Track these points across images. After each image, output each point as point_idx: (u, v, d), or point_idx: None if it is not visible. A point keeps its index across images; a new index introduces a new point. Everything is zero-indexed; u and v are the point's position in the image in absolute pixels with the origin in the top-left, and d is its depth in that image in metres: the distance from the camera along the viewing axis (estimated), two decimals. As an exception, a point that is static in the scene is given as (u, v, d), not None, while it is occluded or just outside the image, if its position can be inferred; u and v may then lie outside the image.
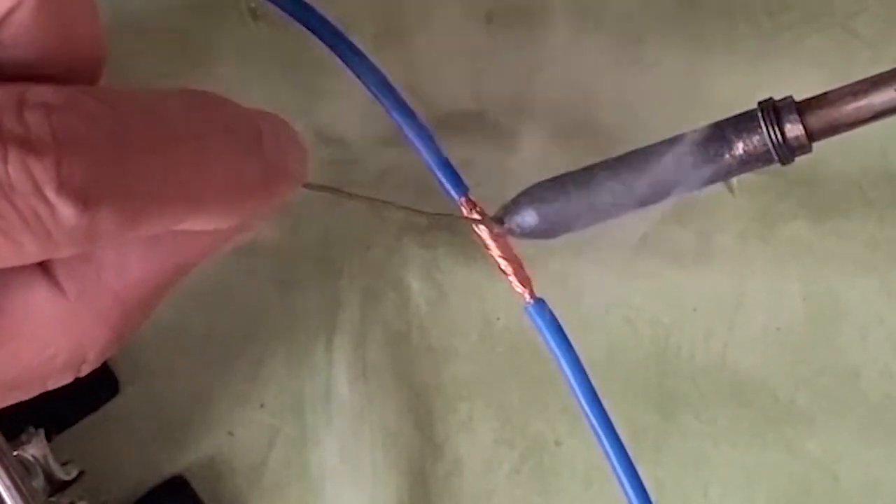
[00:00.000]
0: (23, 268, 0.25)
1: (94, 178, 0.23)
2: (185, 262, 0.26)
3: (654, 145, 0.32)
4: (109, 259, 0.25)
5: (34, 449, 0.34)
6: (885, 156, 0.41)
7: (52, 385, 0.26)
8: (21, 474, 0.33)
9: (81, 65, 0.25)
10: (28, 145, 0.22)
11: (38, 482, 0.34)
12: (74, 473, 0.35)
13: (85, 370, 0.27)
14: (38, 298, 0.25)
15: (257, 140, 0.26)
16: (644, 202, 0.33)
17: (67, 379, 0.27)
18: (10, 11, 0.23)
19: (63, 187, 0.22)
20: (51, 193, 0.22)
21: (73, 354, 0.26)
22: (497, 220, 0.33)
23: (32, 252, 0.23)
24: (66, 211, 0.22)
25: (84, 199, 0.22)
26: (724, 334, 0.41)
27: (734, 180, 0.40)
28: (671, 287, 0.41)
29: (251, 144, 0.26)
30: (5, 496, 0.33)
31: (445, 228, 0.40)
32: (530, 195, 0.33)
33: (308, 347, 0.40)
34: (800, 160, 0.32)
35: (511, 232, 0.33)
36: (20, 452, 0.34)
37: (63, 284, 0.25)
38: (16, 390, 0.26)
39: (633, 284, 0.40)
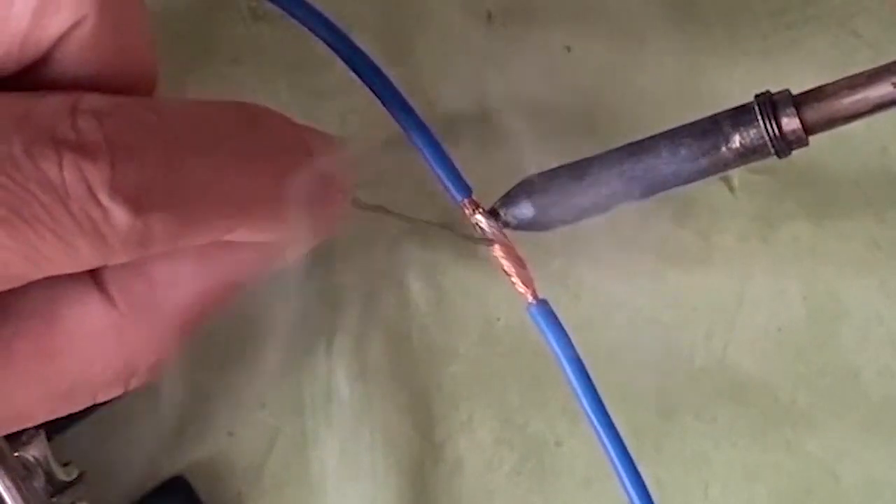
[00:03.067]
0: (77, 282, 0.25)
1: (146, 184, 0.23)
2: (235, 278, 0.27)
3: (651, 137, 0.33)
4: (161, 275, 0.26)
5: (35, 449, 0.34)
6: (885, 156, 0.41)
7: (102, 398, 0.27)
8: (22, 475, 0.33)
9: (135, 79, 0.25)
10: (81, 151, 0.23)
11: (39, 483, 0.34)
12: (75, 474, 0.35)
13: (134, 384, 0.27)
14: (90, 312, 0.25)
15: (307, 153, 0.26)
16: (640, 194, 0.33)
17: (116, 392, 0.27)
18: (72, 28, 0.24)
19: (116, 191, 0.23)
20: (104, 197, 0.23)
21: (123, 368, 0.26)
22: (493, 213, 0.33)
23: (87, 257, 0.23)
24: (119, 215, 0.23)
25: (136, 203, 0.23)
26: (724, 334, 0.41)
27: (735, 180, 0.40)
28: (671, 287, 0.41)
29: (300, 157, 0.26)
30: (6, 496, 0.33)
31: (445, 229, 0.40)
32: (526, 187, 0.33)
33: (308, 347, 0.40)
34: (800, 160, 0.32)
35: (507, 224, 0.33)
36: (21, 453, 0.34)
37: (115, 299, 0.26)
38: (65, 402, 0.26)
39: (633, 284, 0.40)
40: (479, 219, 0.33)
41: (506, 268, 0.33)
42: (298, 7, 0.33)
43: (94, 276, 0.26)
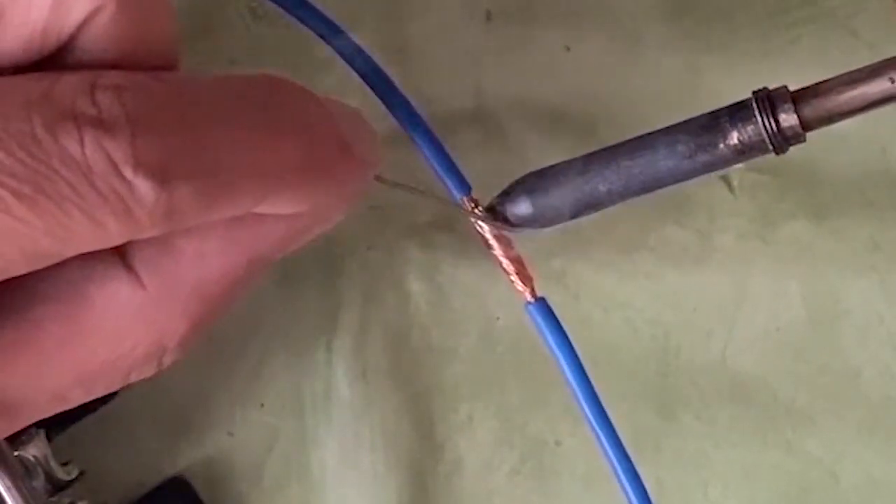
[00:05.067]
0: (104, 262, 0.25)
1: (169, 156, 0.23)
2: (263, 254, 0.27)
3: (649, 134, 0.33)
4: (188, 252, 0.26)
5: (34, 449, 0.34)
6: (885, 156, 0.41)
7: (135, 377, 0.27)
8: (21, 474, 0.33)
9: (157, 61, 0.25)
10: (102, 126, 0.23)
11: (39, 482, 0.34)
12: (75, 473, 0.35)
13: (166, 362, 0.27)
14: (119, 291, 0.25)
15: (330, 123, 0.26)
16: (639, 191, 0.33)
17: (149, 371, 0.27)
18: (92, 14, 0.24)
19: (140, 165, 0.23)
20: (128, 172, 0.23)
21: (153, 347, 0.26)
22: (490, 210, 0.33)
23: (115, 232, 0.23)
24: (145, 188, 0.23)
25: (161, 176, 0.23)
26: (724, 334, 0.41)
27: (734, 180, 0.40)
28: (671, 287, 0.41)
29: (324, 127, 0.26)
30: (6, 496, 0.33)
31: (445, 228, 0.40)
32: (524, 184, 0.33)
33: (308, 347, 0.40)
34: (800, 160, 0.32)
35: (506, 222, 0.33)
36: (21, 452, 0.34)
37: (143, 277, 0.26)
38: (98, 383, 0.26)
39: (633, 284, 0.40)
40: (478, 216, 0.33)
41: (504, 266, 0.33)
42: (298, 7, 0.33)
43: (120, 255, 0.26)
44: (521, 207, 0.33)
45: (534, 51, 0.40)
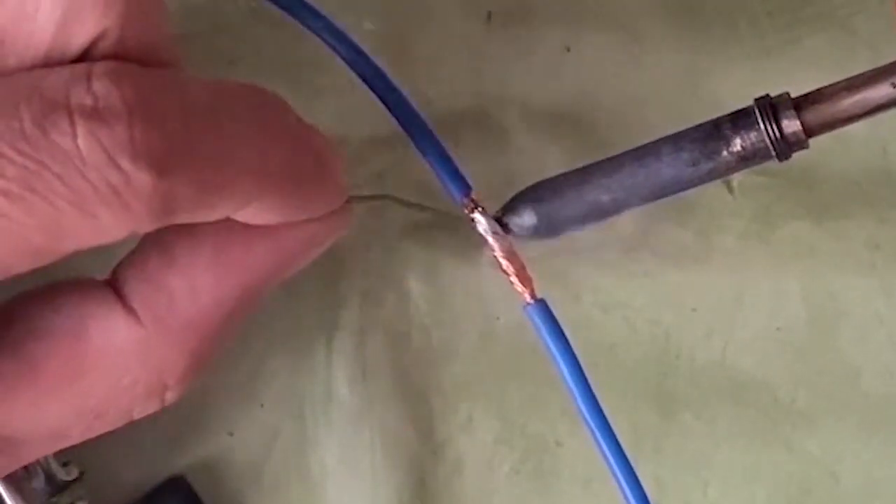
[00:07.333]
0: (102, 299, 0.26)
1: (168, 146, 0.23)
2: (254, 284, 0.27)
3: (652, 143, 0.33)
4: (180, 287, 0.26)
5: (34, 449, 0.34)
6: (885, 156, 0.41)
7: (138, 414, 0.27)
8: (21, 475, 0.33)
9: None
10: (97, 115, 0.22)
11: (39, 483, 0.34)
12: (75, 474, 0.36)
13: (170, 399, 0.27)
14: (116, 328, 0.26)
15: (309, 137, 0.26)
16: (642, 200, 0.33)
17: (153, 408, 0.27)
18: (96, 40, 0.23)
19: (137, 154, 0.22)
20: (124, 162, 0.22)
21: (152, 383, 0.26)
22: (495, 221, 0.33)
23: (111, 226, 0.23)
24: (142, 178, 0.22)
25: (159, 165, 0.22)
26: (724, 334, 0.41)
27: (734, 180, 0.40)
28: (671, 287, 0.41)
29: (304, 139, 0.26)
30: (5, 496, 0.33)
31: (446, 228, 0.40)
32: (528, 195, 0.33)
33: (308, 347, 0.40)
34: (800, 160, 0.32)
35: (510, 233, 0.33)
36: (20, 453, 0.34)
37: (139, 314, 0.26)
38: (100, 420, 0.27)
39: (633, 284, 0.40)
40: (479, 217, 0.33)
41: (504, 267, 0.33)
42: (298, 7, 0.33)
43: (118, 294, 0.26)
44: (526, 219, 0.33)
45: (534, 51, 0.40)
